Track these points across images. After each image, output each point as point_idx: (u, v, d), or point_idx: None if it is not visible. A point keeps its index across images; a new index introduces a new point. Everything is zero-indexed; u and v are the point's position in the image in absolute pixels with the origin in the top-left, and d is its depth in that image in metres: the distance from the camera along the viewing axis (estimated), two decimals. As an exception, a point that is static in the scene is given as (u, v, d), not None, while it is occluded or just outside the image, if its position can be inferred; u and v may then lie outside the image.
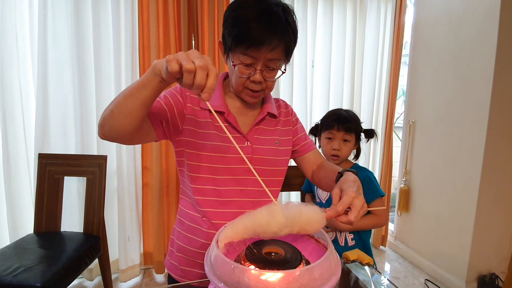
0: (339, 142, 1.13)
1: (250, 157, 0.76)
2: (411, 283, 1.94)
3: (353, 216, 0.54)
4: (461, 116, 1.79)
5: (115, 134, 0.61)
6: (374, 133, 1.19)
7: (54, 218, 1.54)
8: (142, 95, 0.56)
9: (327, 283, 0.43)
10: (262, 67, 0.69)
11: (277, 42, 0.66)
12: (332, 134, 1.15)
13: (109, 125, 0.59)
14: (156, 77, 0.54)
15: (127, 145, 1.06)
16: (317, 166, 0.87)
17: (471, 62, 1.72)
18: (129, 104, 0.57)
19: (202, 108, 0.76)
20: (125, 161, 1.80)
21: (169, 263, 0.86)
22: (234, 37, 0.66)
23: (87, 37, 1.69)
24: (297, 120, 0.92)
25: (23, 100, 1.68)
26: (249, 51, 0.66)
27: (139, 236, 1.92)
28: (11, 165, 1.64)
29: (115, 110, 0.58)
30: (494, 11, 1.59)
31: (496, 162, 1.69)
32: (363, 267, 0.73)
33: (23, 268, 1.19)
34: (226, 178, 0.76)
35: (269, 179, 0.80)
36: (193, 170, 0.76)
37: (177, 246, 0.83)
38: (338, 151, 1.13)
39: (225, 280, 0.43)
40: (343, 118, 1.14)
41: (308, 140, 0.91)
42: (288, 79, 2.08)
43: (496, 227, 1.78)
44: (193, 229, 0.79)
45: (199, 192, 0.77)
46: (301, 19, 2.07)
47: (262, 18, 0.64)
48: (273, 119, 0.83)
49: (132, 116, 0.58)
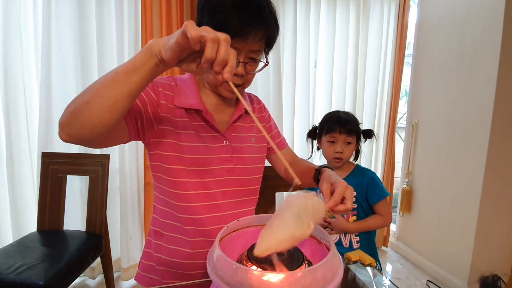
0: (341, 145, 1.13)
1: (230, 156, 0.73)
2: (412, 284, 1.93)
3: (349, 204, 0.57)
4: (465, 116, 1.78)
5: (88, 132, 0.49)
6: (372, 133, 1.20)
7: (57, 217, 1.55)
8: (131, 81, 0.47)
9: (329, 284, 0.43)
10: (245, 59, 0.65)
11: (263, 33, 0.63)
12: (334, 138, 1.14)
13: (82, 121, 0.47)
14: (152, 58, 0.46)
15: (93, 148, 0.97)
16: (289, 163, 0.87)
17: (475, 62, 1.71)
18: (113, 92, 0.47)
19: (177, 107, 0.69)
20: (128, 160, 1.80)
21: (146, 279, 0.78)
22: (215, 25, 0.57)
23: (90, 37, 1.70)
24: (269, 117, 0.90)
25: (27, 99, 1.69)
26: (233, 41, 0.60)
27: (141, 235, 1.92)
28: (14, 164, 1.65)
29: (92, 102, 0.47)
30: (498, 11, 1.58)
31: (499, 163, 1.68)
32: (365, 268, 0.73)
33: (26, 266, 1.20)
34: (209, 181, 0.71)
35: (250, 177, 0.78)
36: (175, 175, 0.69)
37: (157, 260, 0.75)
38: (341, 154, 1.13)
39: (227, 281, 0.43)
40: (343, 121, 1.14)
41: (281, 138, 0.92)
42: (290, 79, 2.08)
43: (499, 229, 1.77)
44: (176, 239, 0.73)
45: (182, 197, 0.70)
46: (304, 18, 2.07)
47: (246, 6, 0.60)
48: (248, 116, 0.79)
49: (116, 108, 0.47)
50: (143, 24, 1.72)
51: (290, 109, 2.12)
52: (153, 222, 0.78)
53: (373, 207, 1.14)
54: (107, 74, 0.48)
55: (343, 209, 0.57)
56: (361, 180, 1.13)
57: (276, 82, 1.99)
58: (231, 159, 0.73)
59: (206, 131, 0.71)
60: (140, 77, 0.47)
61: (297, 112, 2.15)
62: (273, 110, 2.02)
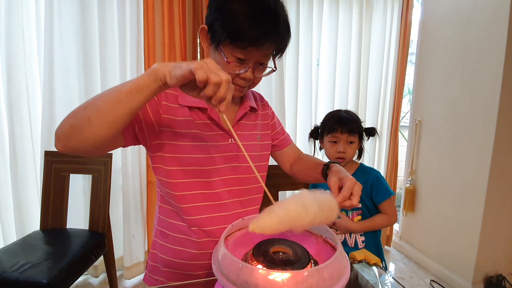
0: (343, 145, 1.12)
1: (235, 154, 0.73)
2: (416, 284, 1.92)
3: (356, 200, 0.58)
4: (469, 115, 1.76)
5: (86, 145, 0.51)
6: (375, 131, 1.18)
7: (60, 215, 1.55)
8: (134, 101, 0.49)
9: (336, 284, 0.43)
10: (254, 64, 0.66)
11: (278, 44, 0.64)
12: (336, 137, 1.13)
13: (83, 135, 0.49)
14: (156, 82, 0.49)
15: (86, 156, 0.97)
16: (295, 159, 0.89)
17: (479, 60, 1.70)
18: (116, 111, 0.49)
19: (181, 105, 0.68)
20: (130, 159, 1.80)
21: (152, 280, 0.78)
22: (230, 33, 0.60)
23: (92, 36, 1.70)
24: (273, 114, 0.90)
25: (30, 99, 1.69)
26: (247, 50, 0.62)
27: (144, 233, 1.92)
28: (18, 162, 1.65)
29: (94, 118, 0.49)
30: (503, 9, 1.56)
31: (504, 162, 1.66)
32: (370, 267, 0.72)
33: (29, 264, 1.20)
34: (214, 180, 0.71)
35: (255, 175, 0.75)
36: (176, 176, 0.69)
37: (162, 261, 0.75)
38: (344, 154, 1.12)
39: (232, 280, 0.43)
40: (345, 120, 1.12)
41: (285, 135, 0.92)
42: (293, 77, 2.07)
43: (504, 228, 1.76)
44: (181, 240, 0.72)
45: (187, 199, 0.70)
46: (307, 17, 2.06)
47: (263, 16, 0.60)
48: (253, 114, 0.80)
49: (117, 125, 0.50)
50: (145, 23, 1.72)
51: (293, 107, 2.11)
52: (159, 222, 0.77)
53: (378, 206, 1.13)
54: (110, 92, 0.50)
55: (349, 205, 0.57)
56: (365, 179, 1.12)
57: (279, 81, 1.98)
58: (237, 158, 0.73)
59: (211, 129, 0.71)
60: (143, 98, 0.50)
61: (299, 110, 2.14)
62: (276, 109, 2.02)
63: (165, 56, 1.74)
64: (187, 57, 1.80)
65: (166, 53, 1.74)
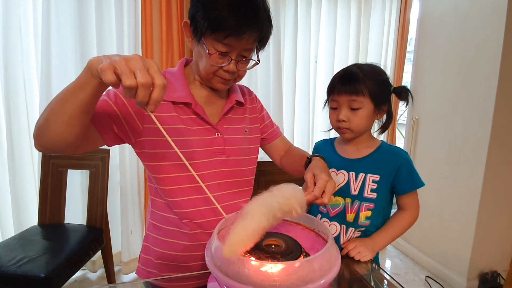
0: (345, 111, 0.79)
1: (222, 148, 0.73)
2: (411, 280, 1.94)
3: (327, 199, 0.56)
4: (466, 113, 1.77)
5: (55, 144, 0.53)
6: (407, 92, 0.83)
7: (58, 211, 1.56)
8: (79, 98, 0.48)
9: (327, 275, 0.44)
10: (237, 57, 0.65)
11: (258, 34, 0.63)
12: (335, 101, 0.81)
13: (46, 136, 0.52)
14: (94, 78, 0.46)
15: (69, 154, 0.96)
16: (284, 152, 0.88)
17: (477, 58, 1.70)
18: (66, 110, 0.49)
19: (165, 101, 0.68)
20: (128, 155, 1.81)
21: (145, 273, 0.78)
22: (211, 22, 0.59)
23: (90, 32, 1.69)
24: (262, 107, 0.90)
25: (27, 94, 1.68)
26: (227, 40, 0.61)
27: (142, 229, 1.93)
28: (15, 158, 1.66)
29: (50, 118, 0.50)
30: (501, 7, 1.56)
31: (500, 160, 1.68)
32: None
33: (27, 259, 1.21)
34: (202, 174, 0.70)
35: (243, 168, 0.78)
36: (164, 171, 0.69)
37: (155, 254, 0.76)
38: (345, 123, 0.79)
39: (225, 271, 0.44)
40: (348, 76, 0.80)
41: (275, 127, 0.91)
42: (291, 74, 2.07)
43: (499, 225, 1.78)
44: (173, 232, 0.73)
45: (176, 193, 0.70)
46: (305, 14, 2.06)
47: (243, 6, 0.60)
48: (240, 107, 0.80)
49: (72, 124, 0.50)
50: (143, 19, 1.72)
51: (291, 104, 2.12)
52: (151, 216, 0.78)
53: (399, 197, 0.87)
54: (61, 92, 0.50)
55: (319, 202, 0.57)
56: (391, 161, 0.82)
57: (277, 78, 1.99)
58: (224, 151, 0.73)
59: (197, 124, 0.71)
60: (87, 95, 0.48)
61: (297, 107, 2.15)
62: (274, 106, 2.02)
63: (163, 53, 1.74)
64: (185, 53, 1.80)
65: (164, 49, 1.74)
